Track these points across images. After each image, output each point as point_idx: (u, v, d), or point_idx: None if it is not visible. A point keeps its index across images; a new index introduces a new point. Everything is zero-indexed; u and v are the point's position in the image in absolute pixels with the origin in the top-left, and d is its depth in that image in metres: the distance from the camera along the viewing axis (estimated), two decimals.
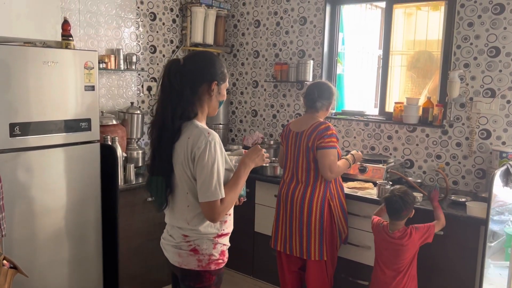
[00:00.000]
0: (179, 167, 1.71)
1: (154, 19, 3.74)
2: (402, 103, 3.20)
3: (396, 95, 3.55)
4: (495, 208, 2.37)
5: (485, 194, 2.67)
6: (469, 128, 2.95)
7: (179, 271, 1.80)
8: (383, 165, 3.02)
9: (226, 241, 1.83)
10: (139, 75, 3.68)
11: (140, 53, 3.66)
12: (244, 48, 4.09)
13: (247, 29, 4.05)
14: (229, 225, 1.84)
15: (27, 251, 2.51)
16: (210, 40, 3.93)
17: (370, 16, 4.04)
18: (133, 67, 3.50)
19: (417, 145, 3.18)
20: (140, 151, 3.38)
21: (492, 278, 2.42)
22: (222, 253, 1.80)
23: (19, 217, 2.46)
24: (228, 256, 1.86)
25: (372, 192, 2.84)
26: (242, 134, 4.19)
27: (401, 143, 3.25)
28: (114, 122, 3.20)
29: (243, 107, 4.17)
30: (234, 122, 4.26)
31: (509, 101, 2.80)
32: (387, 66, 3.38)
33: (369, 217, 2.67)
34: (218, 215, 1.68)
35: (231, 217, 1.84)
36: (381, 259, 2.43)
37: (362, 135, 3.44)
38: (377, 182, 2.84)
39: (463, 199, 2.64)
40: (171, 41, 3.89)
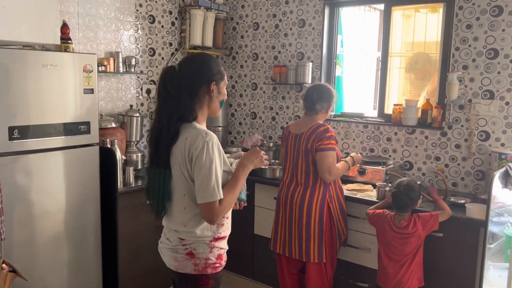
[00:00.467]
0: (177, 168, 1.71)
1: (153, 21, 3.74)
2: (401, 105, 3.20)
3: (395, 97, 3.55)
4: (495, 210, 2.37)
5: (484, 196, 2.67)
6: (468, 129, 2.95)
7: (175, 275, 1.80)
8: (382, 167, 3.03)
9: (224, 245, 1.81)
10: (138, 78, 3.68)
11: (139, 56, 3.66)
12: (243, 51, 4.10)
13: (246, 31, 4.06)
14: (226, 229, 1.81)
15: (26, 255, 2.50)
16: (209, 42, 3.93)
17: (369, 18, 4.04)
18: (132, 70, 3.50)
19: (416, 147, 3.18)
20: (140, 154, 3.39)
21: (492, 280, 2.42)
22: (219, 256, 1.78)
23: (18, 220, 2.45)
24: (228, 258, 1.85)
25: (372, 194, 2.84)
26: (242, 136, 4.19)
27: (400, 145, 3.25)
28: (113, 125, 3.20)
29: (242, 109, 4.18)
30: (233, 124, 4.27)
31: (507, 103, 2.81)
32: (385, 68, 3.39)
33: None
34: (217, 216, 1.67)
35: (228, 220, 1.82)
36: (388, 249, 2.47)
37: (361, 137, 3.44)
38: (376, 184, 2.84)
39: (462, 201, 2.64)
40: (170, 44, 3.89)
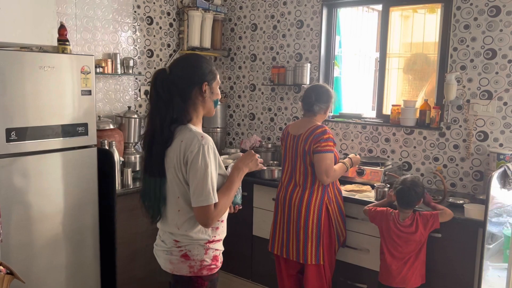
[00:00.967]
0: (171, 171, 1.70)
1: (151, 23, 3.74)
2: (399, 105, 3.20)
3: (393, 97, 3.55)
4: (494, 210, 2.37)
5: (483, 196, 2.66)
6: (466, 130, 2.95)
7: (171, 277, 1.79)
8: (380, 168, 3.02)
9: (219, 246, 1.80)
10: (136, 79, 3.67)
11: (137, 57, 3.66)
12: (241, 52, 4.09)
13: (244, 32, 4.05)
14: (222, 232, 1.81)
15: (24, 257, 2.49)
16: (207, 43, 3.93)
17: (367, 19, 4.04)
18: (130, 71, 3.50)
19: (414, 147, 3.18)
20: (138, 155, 3.38)
21: (491, 280, 2.42)
22: (215, 258, 1.77)
23: (16, 222, 2.44)
24: (226, 260, 1.85)
25: (370, 195, 2.84)
26: (240, 138, 4.19)
27: (399, 146, 3.25)
28: (111, 126, 3.19)
29: (240, 110, 4.17)
30: (231, 126, 4.26)
31: (506, 103, 2.81)
32: (384, 68, 3.39)
33: (367, 220, 2.66)
34: (212, 220, 1.66)
35: (223, 223, 1.81)
36: (392, 246, 2.48)
37: (359, 137, 3.44)
38: (375, 184, 2.84)
39: (461, 201, 2.64)
40: (168, 45, 3.89)
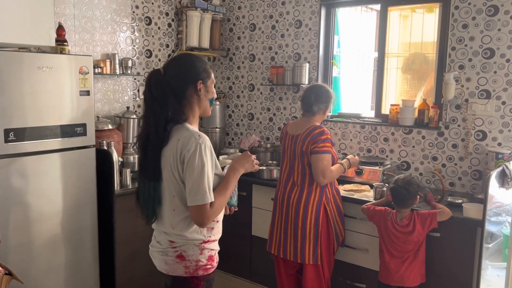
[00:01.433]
0: (167, 169, 1.70)
1: (150, 23, 3.74)
2: (398, 105, 3.20)
3: (392, 97, 3.55)
4: (493, 209, 2.37)
5: (481, 196, 2.66)
6: (464, 129, 2.95)
7: (167, 278, 1.79)
8: (379, 167, 3.02)
9: (215, 246, 1.80)
10: (135, 79, 3.67)
11: (135, 57, 3.66)
12: (240, 52, 4.09)
13: (243, 32, 4.05)
14: (217, 232, 1.80)
15: (22, 257, 2.49)
16: (205, 44, 3.93)
17: (365, 18, 4.05)
18: (129, 71, 3.50)
19: (413, 147, 3.18)
20: (136, 156, 3.37)
21: (490, 279, 2.42)
22: (210, 258, 1.77)
23: (14, 223, 2.44)
24: (225, 260, 1.85)
25: (369, 195, 2.84)
26: (239, 138, 4.19)
27: (398, 145, 3.25)
28: (110, 126, 3.19)
29: (239, 110, 4.17)
30: (230, 126, 4.26)
31: (504, 102, 2.81)
32: (382, 68, 3.39)
33: (365, 219, 2.67)
34: (207, 219, 1.66)
35: (219, 224, 1.81)
36: (390, 245, 2.48)
37: (358, 137, 3.44)
38: (373, 184, 2.84)
39: (459, 201, 2.64)
40: (167, 45, 3.89)
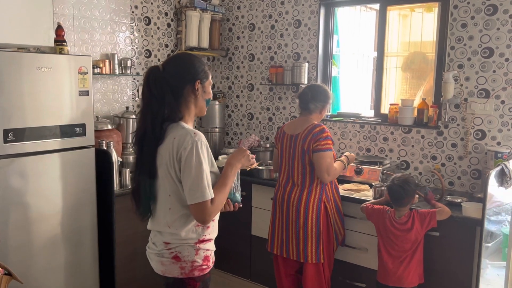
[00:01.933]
0: (163, 168, 1.70)
1: (149, 23, 3.74)
2: (397, 104, 3.20)
3: (392, 96, 3.55)
4: (492, 209, 2.37)
5: (480, 195, 2.67)
6: (464, 128, 2.95)
7: (163, 279, 1.79)
8: (379, 167, 3.02)
9: (210, 246, 1.80)
10: (134, 79, 3.67)
11: (135, 57, 3.66)
12: (239, 52, 4.09)
13: (242, 32, 4.05)
14: (212, 231, 1.80)
15: (22, 258, 2.49)
16: (205, 43, 3.93)
17: (365, 18, 4.05)
18: (128, 71, 3.50)
19: (412, 146, 3.18)
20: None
21: (490, 278, 2.42)
22: (206, 258, 1.77)
23: (14, 223, 2.44)
24: (225, 260, 1.85)
25: (368, 194, 2.84)
26: (238, 137, 4.19)
27: (397, 145, 3.25)
28: (109, 126, 3.19)
29: (239, 110, 4.17)
30: (230, 126, 4.26)
31: (503, 102, 2.81)
32: (382, 67, 3.39)
33: (365, 219, 2.67)
34: (209, 216, 1.66)
35: (215, 223, 1.81)
36: (388, 244, 2.48)
37: (357, 137, 3.44)
38: (373, 183, 2.84)
39: (458, 200, 2.64)
40: (166, 45, 3.89)
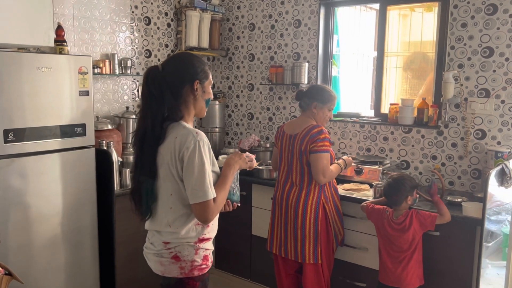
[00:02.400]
0: (165, 167, 1.70)
1: (149, 23, 3.74)
2: (397, 104, 3.20)
3: (392, 96, 3.55)
4: (493, 208, 2.37)
5: (481, 194, 2.67)
6: (464, 128, 2.95)
7: (162, 280, 1.79)
8: (379, 167, 3.02)
9: (209, 246, 1.80)
10: (134, 79, 3.67)
11: (135, 57, 3.66)
12: (239, 51, 4.09)
13: (242, 32, 4.05)
14: (212, 230, 1.81)
15: (22, 258, 2.49)
16: (205, 43, 3.93)
17: (365, 17, 4.05)
18: (128, 71, 3.50)
19: (412, 146, 3.18)
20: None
21: (490, 278, 2.42)
22: (205, 258, 1.77)
23: (14, 223, 2.44)
24: (225, 259, 1.85)
25: (368, 194, 2.84)
26: (239, 137, 4.19)
27: (397, 144, 3.25)
28: (110, 127, 3.19)
29: (239, 110, 4.17)
30: (230, 125, 4.26)
31: (503, 101, 2.81)
32: (382, 67, 3.39)
33: (365, 218, 2.67)
34: (211, 215, 1.67)
35: (214, 222, 1.81)
36: (387, 244, 2.48)
37: (358, 136, 3.44)
38: (373, 183, 2.84)
39: (459, 200, 2.64)
40: (166, 45, 3.89)
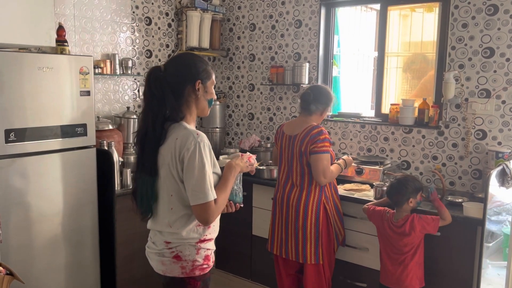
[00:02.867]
0: (165, 168, 1.70)
1: (150, 23, 3.74)
2: (398, 104, 3.20)
3: (393, 96, 3.55)
4: (493, 209, 2.37)
5: (481, 195, 2.67)
6: (465, 128, 2.95)
7: (163, 279, 1.79)
8: (379, 167, 3.02)
9: (211, 246, 1.80)
10: (135, 79, 3.68)
11: (136, 57, 3.66)
12: (240, 52, 4.10)
13: (243, 32, 4.06)
14: (213, 231, 1.81)
15: (23, 257, 2.49)
16: (205, 44, 3.93)
17: (365, 18, 4.05)
18: (129, 71, 3.50)
19: (413, 146, 3.18)
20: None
21: (491, 278, 2.43)
22: (207, 257, 1.77)
23: (15, 223, 2.45)
24: (226, 259, 1.85)
25: (369, 194, 2.84)
26: (239, 138, 4.19)
27: (398, 145, 3.25)
28: (110, 127, 3.20)
29: (239, 110, 4.17)
30: (230, 126, 4.26)
31: (504, 102, 2.81)
32: (382, 68, 3.39)
33: (366, 219, 2.67)
34: (212, 216, 1.67)
35: (216, 222, 1.81)
36: (387, 246, 2.47)
37: (358, 137, 3.44)
38: (373, 183, 2.84)
39: (459, 200, 2.64)
40: (167, 46, 3.89)
